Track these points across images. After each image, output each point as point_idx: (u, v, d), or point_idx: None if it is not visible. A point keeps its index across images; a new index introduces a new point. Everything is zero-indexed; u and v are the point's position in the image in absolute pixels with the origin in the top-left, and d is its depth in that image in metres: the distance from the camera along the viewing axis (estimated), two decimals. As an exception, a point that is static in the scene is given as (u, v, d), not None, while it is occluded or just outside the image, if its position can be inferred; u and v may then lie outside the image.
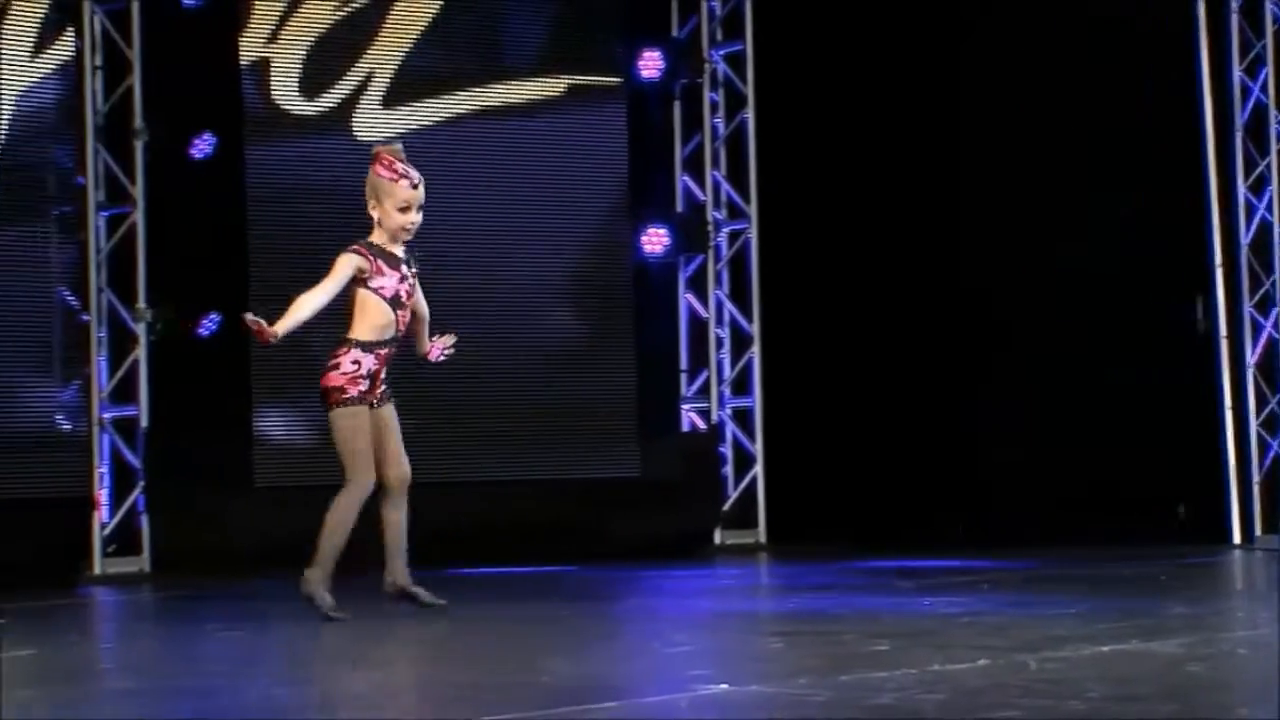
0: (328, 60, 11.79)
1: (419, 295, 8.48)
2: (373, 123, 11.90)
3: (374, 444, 8.33)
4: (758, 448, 12.95)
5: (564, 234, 12.37)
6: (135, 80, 11.36)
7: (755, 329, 12.99)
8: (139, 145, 11.34)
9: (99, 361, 11.37)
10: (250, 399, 11.62)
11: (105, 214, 11.42)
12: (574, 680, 6.35)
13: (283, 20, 11.66)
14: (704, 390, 13.01)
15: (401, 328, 8.35)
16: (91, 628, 9.73)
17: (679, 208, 12.97)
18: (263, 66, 11.63)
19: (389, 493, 8.42)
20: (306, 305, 8.24)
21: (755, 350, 13.00)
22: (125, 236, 11.40)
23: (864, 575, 10.43)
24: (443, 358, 8.71)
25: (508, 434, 12.14)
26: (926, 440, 12.65)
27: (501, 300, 12.21)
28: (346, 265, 8.26)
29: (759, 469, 12.94)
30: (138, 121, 11.35)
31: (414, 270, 8.37)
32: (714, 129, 13.03)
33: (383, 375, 8.37)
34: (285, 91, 11.70)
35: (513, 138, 12.28)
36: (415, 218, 8.37)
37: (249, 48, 11.60)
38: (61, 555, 11.06)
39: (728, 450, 13.04)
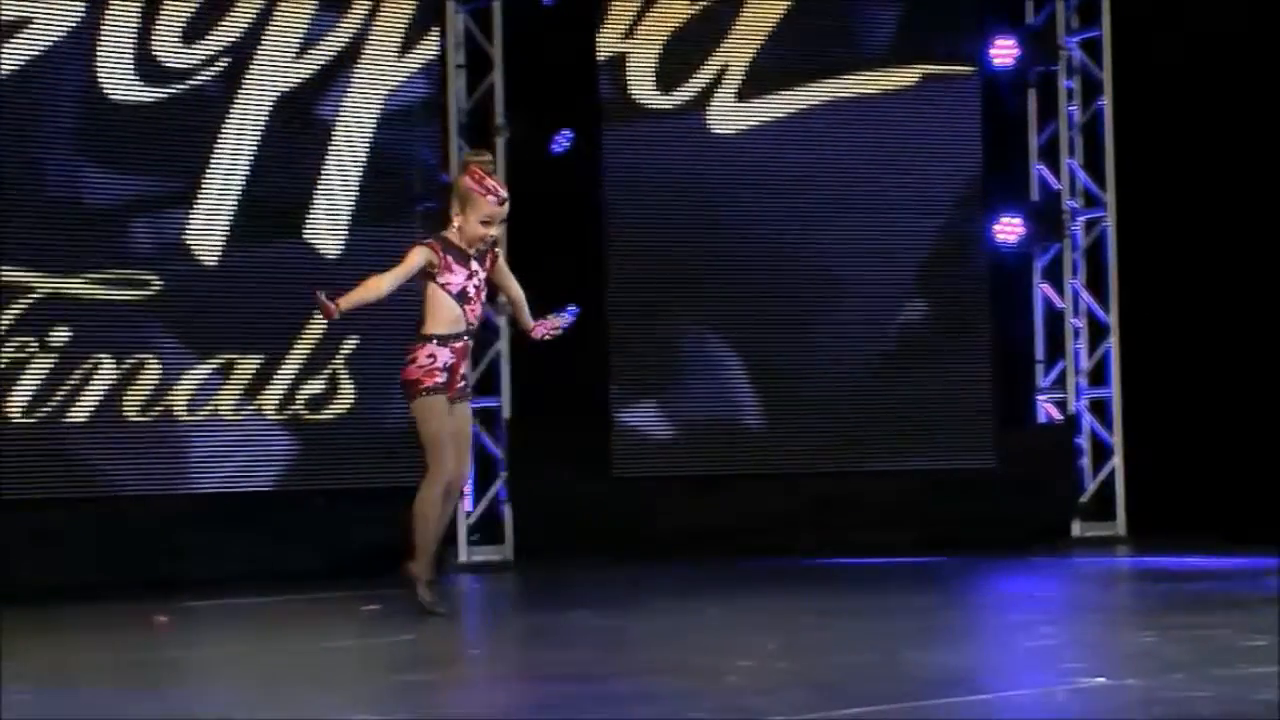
0: (683, 54, 11.87)
1: (509, 280, 8.70)
2: (727, 115, 11.95)
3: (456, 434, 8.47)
4: (1116, 439, 12.74)
5: (917, 224, 12.30)
6: (496, 77, 11.59)
7: (1113, 318, 12.78)
8: (499, 142, 11.55)
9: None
10: (609, 389, 11.75)
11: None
12: (940, 672, 6.32)
13: (639, 16, 11.78)
14: (1060, 381, 12.85)
15: (473, 320, 8.49)
16: (458, 614, 9.94)
17: (1034, 197, 12.82)
18: (619, 62, 11.76)
19: (446, 490, 8.49)
20: (373, 287, 8.39)
21: (1113, 340, 12.79)
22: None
23: (1231, 568, 10.20)
24: (549, 336, 8.81)
25: (862, 425, 12.11)
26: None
27: (854, 291, 12.18)
28: (417, 256, 8.42)
29: (1117, 460, 12.73)
30: (499, 118, 11.57)
31: (487, 264, 8.50)
32: (1069, 116, 12.85)
33: (462, 370, 8.52)
34: (641, 86, 11.81)
35: (864, 128, 12.24)
36: (494, 231, 8.54)
37: (606, 44, 11.73)
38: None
39: (1084, 442, 12.85)
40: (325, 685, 6.69)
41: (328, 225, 11.06)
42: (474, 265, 8.45)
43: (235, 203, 10.79)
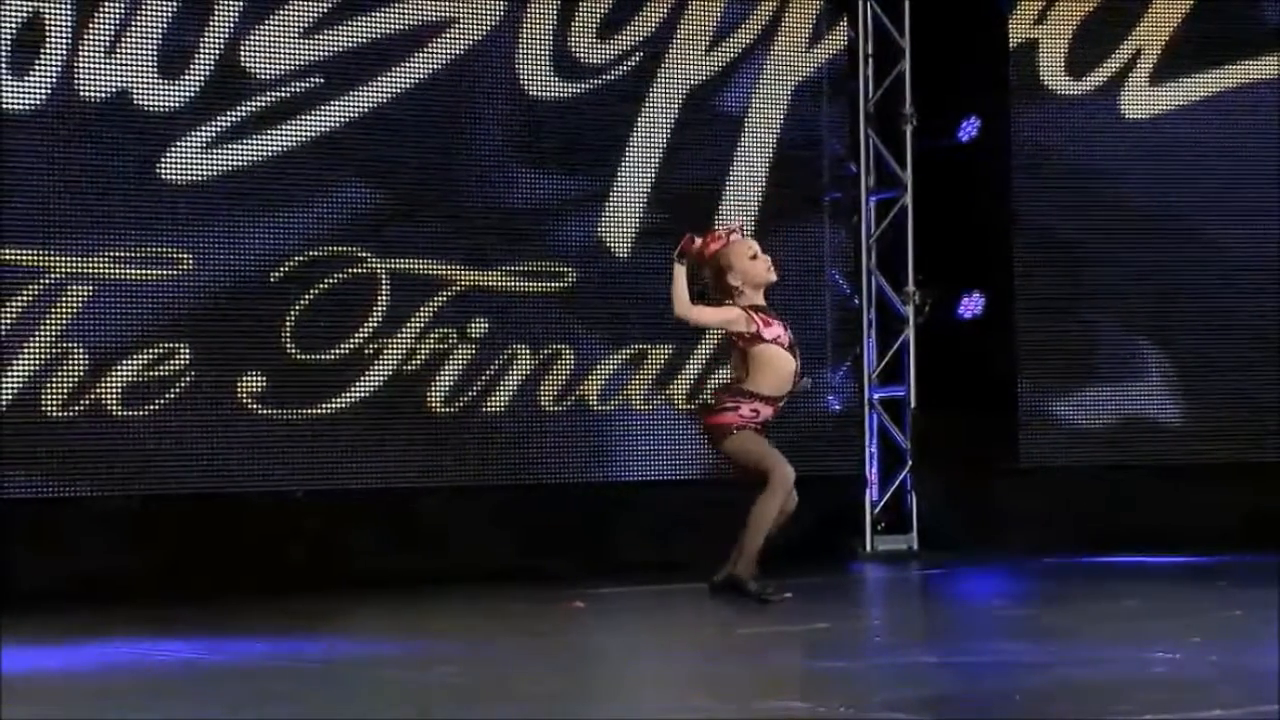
0: (1095, 39, 11.66)
1: None
2: (1141, 100, 11.72)
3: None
4: None
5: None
6: (906, 66, 11.53)
7: None
8: (908, 130, 11.50)
9: (868, 343, 11.60)
10: (1017, 378, 11.62)
11: (875, 198, 11.65)
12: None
13: (1051, 2, 11.61)
14: None
15: (796, 377, 8.34)
16: (868, 602, 9.96)
17: None
18: (1030, 47, 11.61)
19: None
20: (690, 310, 8.25)
21: None
22: (895, 220, 11.59)
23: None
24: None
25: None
26: None
27: (1271, 280, 11.84)
28: (732, 310, 8.28)
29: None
30: (907, 106, 11.51)
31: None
32: None
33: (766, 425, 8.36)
34: (1052, 72, 11.65)
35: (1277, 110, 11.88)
36: (767, 258, 8.33)
37: (1017, 30, 11.59)
38: (835, 532, 11.34)
39: None
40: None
41: (737, 216, 11.11)
42: (777, 320, 8.38)
43: (647, 196, 10.92)
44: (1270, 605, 8.43)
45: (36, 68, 9.66)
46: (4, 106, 9.59)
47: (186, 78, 9.96)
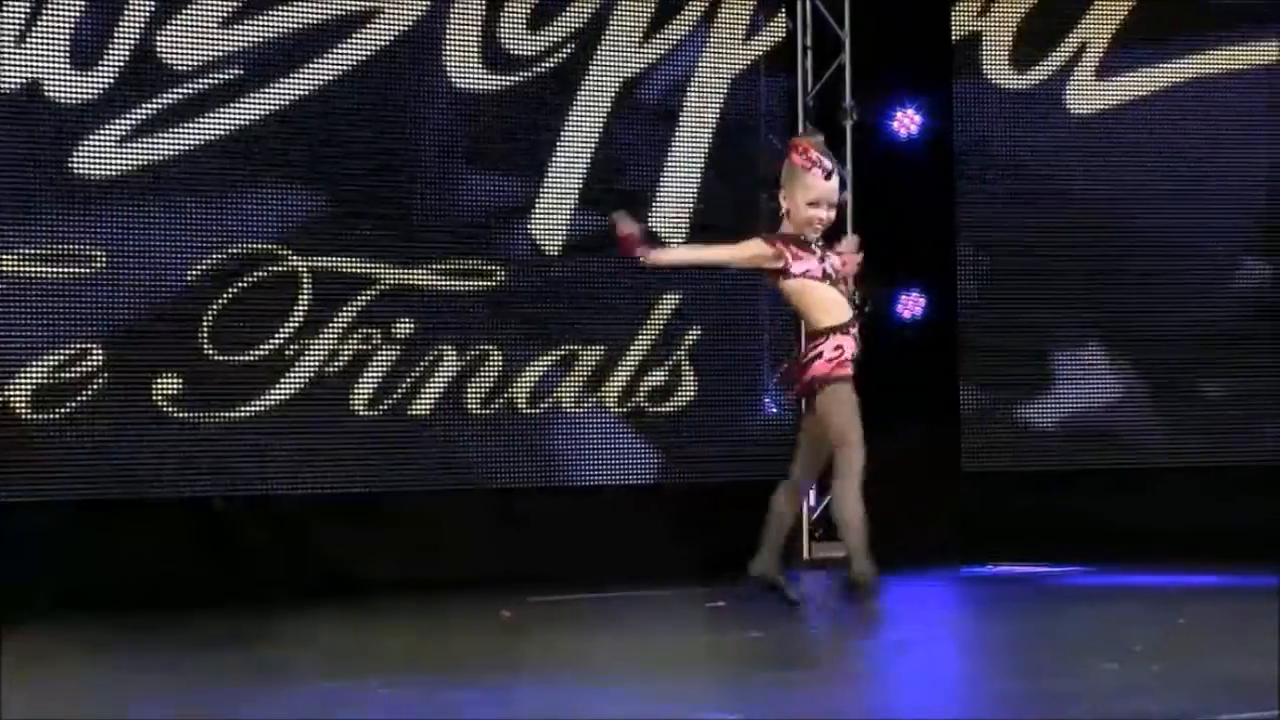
0: (1039, 32, 11.47)
1: None
2: (1086, 95, 11.52)
3: (818, 438, 8.01)
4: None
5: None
6: (846, 59, 11.29)
7: None
8: (848, 125, 11.26)
9: (806, 343, 11.35)
10: (958, 380, 11.40)
11: (815, 195, 11.38)
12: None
13: (994, -7, 11.43)
14: None
15: (850, 305, 7.96)
16: (801, 611, 9.76)
17: None
18: (973, 40, 11.41)
19: (796, 488, 8.16)
20: (695, 253, 8.08)
21: None
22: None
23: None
24: (858, 260, 8.13)
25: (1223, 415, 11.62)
26: None
27: (1215, 277, 11.65)
28: (753, 243, 7.94)
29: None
30: (848, 100, 11.28)
31: (828, 253, 7.96)
32: None
33: (855, 358, 8.02)
34: (996, 65, 11.44)
35: (1228, 106, 11.69)
36: (825, 214, 7.88)
37: (960, 22, 11.38)
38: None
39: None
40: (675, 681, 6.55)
41: (672, 212, 10.89)
42: (818, 250, 7.98)
43: (578, 191, 10.67)
44: (1222, 615, 8.30)
45: (-58, 58, 9.37)
46: (-92, 98, 9.30)
47: (100, 69, 9.67)
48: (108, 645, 8.13)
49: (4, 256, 9.46)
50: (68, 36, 9.58)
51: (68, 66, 9.58)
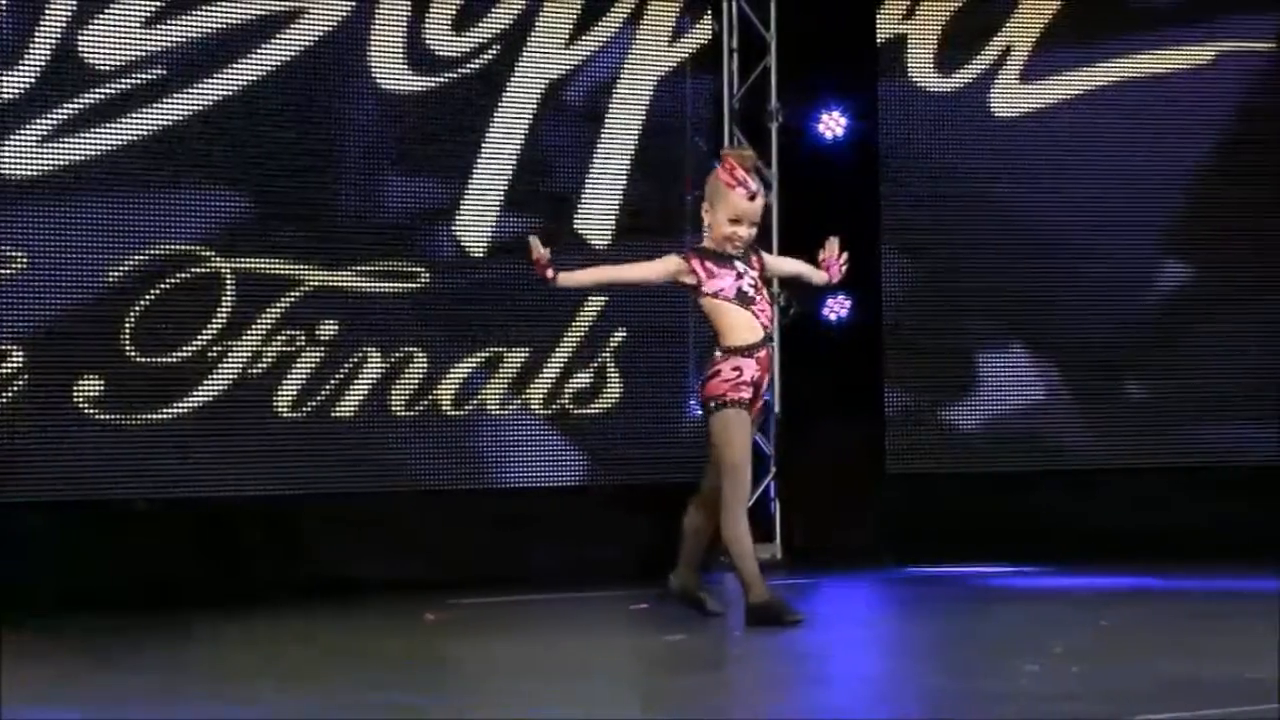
0: (964, 35, 11.48)
1: (784, 264, 8.35)
2: (1010, 98, 11.54)
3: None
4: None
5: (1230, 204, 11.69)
6: (771, 61, 11.29)
7: None
8: (773, 127, 11.26)
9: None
10: (883, 382, 11.41)
11: (741, 197, 11.37)
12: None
13: (919, -4, 11.43)
14: None
15: (766, 323, 8.01)
16: (732, 614, 9.75)
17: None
18: (898, 43, 11.41)
19: (705, 500, 8.13)
20: (604, 273, 8.14)
21: None
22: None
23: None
24: (843, 268, 8.29)
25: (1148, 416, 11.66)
26: None
27: (1141, 281, 11.69)
28: (669, 260, 8.02)
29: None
30: (773, 103, 11.27)
31: (754, 264, 8.00)
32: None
33: (764, 387, 8.05)
34: (921, 68, 11.45)
35: (1154, 109, 11.73)
36: (745, 232, 7.96)
37: (885, 25, 11.38)
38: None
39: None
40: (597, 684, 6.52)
41: (598, 215, 10.86)
42: (738, 265, 8.01)
43: (503, 193, 10.63)
44: (1144, 617, 8.32)
45: None
46: None
47: (21, 68, 9.58)
48: None
49: (-77, 257, 9.37)
50: (-13, 35, 9.50)
51: (-12, 65, 9.51)
